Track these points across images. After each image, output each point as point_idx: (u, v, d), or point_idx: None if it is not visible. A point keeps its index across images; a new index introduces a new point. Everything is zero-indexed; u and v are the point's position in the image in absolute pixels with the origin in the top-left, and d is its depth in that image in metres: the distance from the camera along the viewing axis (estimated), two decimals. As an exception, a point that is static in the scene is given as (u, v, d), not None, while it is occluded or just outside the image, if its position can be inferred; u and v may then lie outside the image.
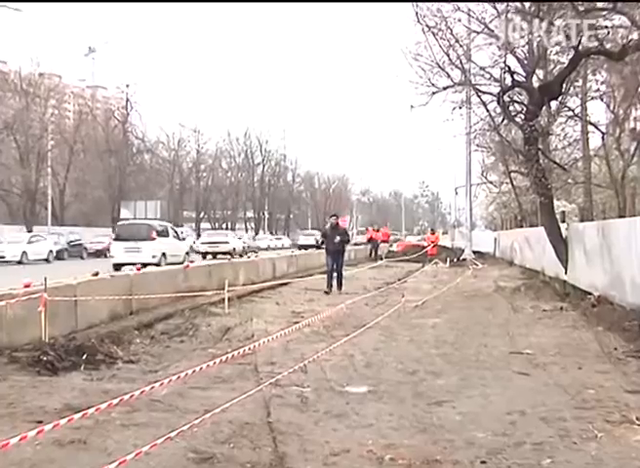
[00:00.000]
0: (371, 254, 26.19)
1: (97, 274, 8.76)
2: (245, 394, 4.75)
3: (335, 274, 13.57)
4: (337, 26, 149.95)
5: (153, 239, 18.95)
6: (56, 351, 6.17)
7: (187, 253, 20.94)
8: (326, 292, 13.01)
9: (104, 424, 4.27)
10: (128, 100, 54.81)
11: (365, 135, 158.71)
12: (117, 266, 15.73)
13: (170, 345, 7.33)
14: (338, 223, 14.17)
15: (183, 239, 23.06)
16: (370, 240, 28.54)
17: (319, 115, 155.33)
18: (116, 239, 19.90)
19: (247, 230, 73.83)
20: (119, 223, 24.84)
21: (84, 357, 6.22)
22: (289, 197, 75.90)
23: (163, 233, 19.98)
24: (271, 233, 71.05)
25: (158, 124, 74.75)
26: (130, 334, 7.58)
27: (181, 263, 14.87)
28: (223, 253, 27.90)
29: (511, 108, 13.21)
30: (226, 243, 31.79)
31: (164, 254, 18.86)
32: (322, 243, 14.16)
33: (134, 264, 14.38)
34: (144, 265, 14.03)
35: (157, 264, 15.56)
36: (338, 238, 13.43)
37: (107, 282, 8.81)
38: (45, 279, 6.86)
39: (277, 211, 76.10)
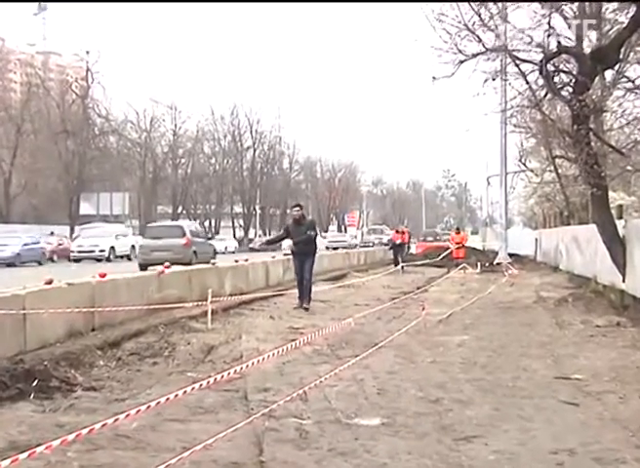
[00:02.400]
0: (396, 262, 25.36)
1: (50, 282, 8.73)
2: (232, 427, 4.74)
3: (303, 281, 12.67)
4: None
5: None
6: (-1, 376, 6.15)
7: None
8: (296, 308, 12.32)
9: (58, 466, 4.25)
10: (88, 70, 54.88)
11: (377, 113, 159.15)
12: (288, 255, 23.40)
13: (140, 368, 7.33)
14: (303, 215, 12.99)
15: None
16: (397, 243, 27.24)
17: (321, 89, 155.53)
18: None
19: (234, 228, 73.94)
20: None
21: (34, 383, 6.19)
22: (285, 188, 75.95)
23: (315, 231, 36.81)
24: (264, 232, 71.10)
25: (126, 99, 74.33)
26: (91, 355, 7.57)
27: None
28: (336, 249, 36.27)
29: (557, 79, 13.15)
30: (344, 241, 47.87)
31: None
32: (276, 239, 13.70)
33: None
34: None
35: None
36: (305, 235, 12.49)
37: (64, 291, 8.79)
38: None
39: (271, 205, 76.12)
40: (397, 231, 28.25)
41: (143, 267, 16.81)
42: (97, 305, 9.10)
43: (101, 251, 34.05)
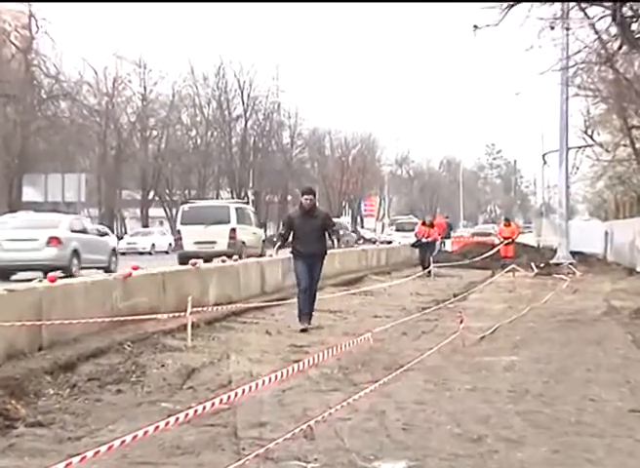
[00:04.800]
0: (423, 264, 24.76)
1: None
2: (217, 473, 4.73)
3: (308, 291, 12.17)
4: None
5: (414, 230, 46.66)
6: None
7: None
8: (303, 330, 11.75)
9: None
10: (32, 16, 54.56)
11: (401, 74, 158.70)
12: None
13: (101, 398, 7.34)
14: (314, 205, 12.44)
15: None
16: (422, 241, 26.37)
17: (330, 43, 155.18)
18: (397, 230, 54.59)
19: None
20: (398, 220, 61.65)
21: (-36, 417, 6.22)
22: (285, 169, 75.97)
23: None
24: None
25: (81, 54, 74.08)
26: (38, 382, 7.58)
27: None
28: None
29: (634, 27, 13.10)
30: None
31: None
32: (282, 240, 12.65)
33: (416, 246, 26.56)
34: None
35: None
36: (334, 232, 12.32)
37: (2, 300, 8.79)
38: None
39: (267, 190, 76.12)
40: (424, 223, 26.89)
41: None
42: (45, 317, 9.10)
43: None
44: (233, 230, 26.75)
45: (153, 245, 47.93)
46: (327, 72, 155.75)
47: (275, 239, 13.13)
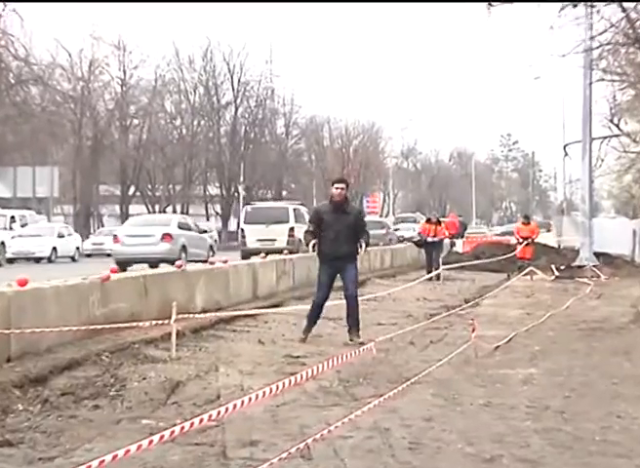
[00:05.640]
0: (428, 267, 24.58)
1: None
2: (204, 497, 4.74)
3: (321, 304, 11.94)
4: None
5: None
6: None
7: None
8: (303, 340, 11.63)
9: None
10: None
11: (407, 57, 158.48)
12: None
13: (76, 414, 7.33)
14: (347, 198, 12.07)
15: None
16: (427, 240, 25.88)
17: (329, 23, 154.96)
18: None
19: (208, 216, 73.91)
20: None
21: None
22: (280, 161, 75.94)
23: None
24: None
25: (53, 34, 73.89)
26: (6, 397, 7.58)
27: None
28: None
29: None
30: None
31: None
32: (312, 236, 11.92)
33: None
34: None
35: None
36: (363, 231, 11.91)
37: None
38: None
39: (260, 185, 76.02)
40: (429, 221, 26.35)
41: None
42: (13, 325, 9.08)
43: None
44: (292, 229, 31.70)
45: None
46: (326, 55, 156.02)
47: (303, 239, 12.68)
